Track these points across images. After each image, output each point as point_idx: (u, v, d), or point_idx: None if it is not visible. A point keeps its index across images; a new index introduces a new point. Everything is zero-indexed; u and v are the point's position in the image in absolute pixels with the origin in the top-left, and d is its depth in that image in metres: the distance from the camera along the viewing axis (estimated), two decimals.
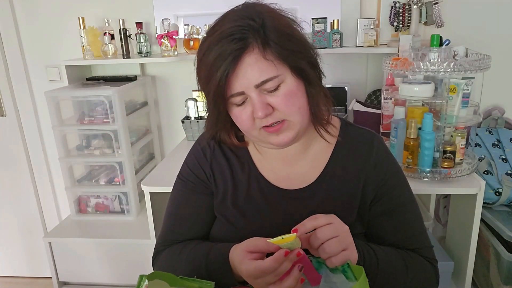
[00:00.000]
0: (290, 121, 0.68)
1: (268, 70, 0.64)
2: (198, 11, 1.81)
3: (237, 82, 0.64)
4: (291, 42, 0.66)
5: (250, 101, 0.66)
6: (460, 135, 1.25)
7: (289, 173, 0.79)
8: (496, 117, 1.64)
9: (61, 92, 1.67)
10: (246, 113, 0.67)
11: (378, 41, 1.66)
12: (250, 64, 0.64)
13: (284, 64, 0.66)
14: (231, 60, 0.62)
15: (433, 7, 1.59)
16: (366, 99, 1.79)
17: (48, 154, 2.12)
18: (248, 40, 0.63)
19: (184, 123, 1.80)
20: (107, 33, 1.76)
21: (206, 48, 0.66)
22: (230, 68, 0.63)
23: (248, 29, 0.63)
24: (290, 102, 0.66)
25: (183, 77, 1.94)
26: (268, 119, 0.67)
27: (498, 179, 1.43)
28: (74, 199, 1.80)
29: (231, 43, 0.62)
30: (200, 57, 0.68)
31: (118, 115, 1.60)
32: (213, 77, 0.64)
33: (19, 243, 2.28)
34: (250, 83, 0.64)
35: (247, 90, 0.65)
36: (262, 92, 0.66)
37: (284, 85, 0.66)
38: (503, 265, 1.32)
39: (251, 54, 0.64)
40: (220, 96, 0.65)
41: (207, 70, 0.65)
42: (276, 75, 0.65)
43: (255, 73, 0.64)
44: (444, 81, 1.21)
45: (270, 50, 0.64)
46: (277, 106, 0.66)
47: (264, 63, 0.64)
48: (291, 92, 0.67)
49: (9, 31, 1.93)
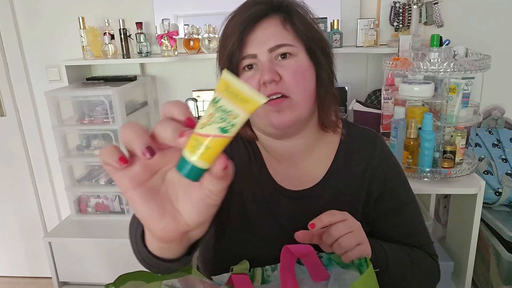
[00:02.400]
0: (292, 99, 0.67)
1: (284, 37, 0.66)
2: (198, 11, 1.81)
3: (251, 44, 0.66)
4: (312, 29, 0.69)
5: (260, 67, 0.67)
6: (460, 135, 1.25)
7: (294, 172, 0.78)
8: (496, 117, 1.64)
9: (61, 92, 1.67)
10: (254, 80, 0.67)
11: (378, 41, 1.66)
12: (267, 27, 0.66)
13: (300, 42, 0.68)
14: (250, 20, 0.65)
15: (433, 7, 1.59)
16: (366, 99, 1.79)
17: (48, 154, 2.12)
18: (273, 6, 0.66)
19: None
20: (107, 33, 1.76)
21: (231, 16, 0.68)
22: (248, 28, 0.65)
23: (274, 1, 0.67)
24: (297, 77, 0.67)
25: (183, 77, 1.94)
26: (272, 86, 0.66)
27: (498, 179, 1.43)
28: (74, 199, 1.80)
29: (256, 5, 0.66)
30: (224, 23, 0.70)
31: (118, 115, 1.60)
32: (232, 37, 0.65)
33: (19, 243, 2.27)
34: (264, 45, 0.65)
35: (260, 53, 0.66)
36: (273, 60, 0.67)
37: (295, 58, 0.67)
38: (503, 265, 1.32)
39: (271, 20, 0.66)
40: (234, 56, 0.66)
41: (227, 31, 0.67)
42: (291, 43, 0.66)
43: (271, 36, 0.65)
44: (444, 81, 1.21)
45: (290, 24, 0.67)
46: (285, 77, 0.66)
47: (282, 31, 0.66)
48: (301, 68, 0.68)
49: (9, 31, 1.93)
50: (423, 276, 0.77)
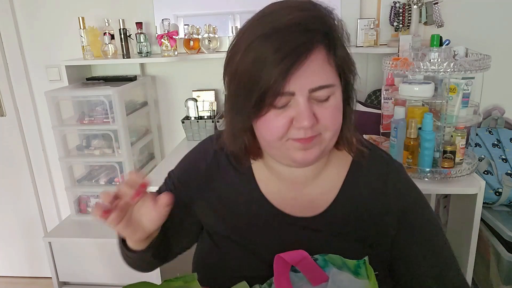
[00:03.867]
0: (323, 137, 0.61)
1: (328, 76, 0.57)
2: (198, 11, 1.81)
3: (293, 80, 0.54)
4: (348, 57, 0.61)
5: (294, 106, 0.57)
6: (460, 135, 1.25)
7: (297, 197, 0.71)
8: (496, 117, 1.64)
9: (61, 92, 1.67)
10: (284, 118, 0.58)
11: (378, 41, 1.66)
12: (313, 62, 0.55)
13: (339, 77, 0.60)
14: (299, 54, 0.53)
15: (433, 7, 1.59)
16: (366, 99, 1.79)
17: (48, 154, 2.12)
18: (318, 34, 0.54)
19: (184, 123, 1.80)
20: (107, 33, 1.76)
21: (264, 32, 0.54)
22: (295, 63, 0.53)
23: (321, 22, 0.55)
24: (335, 116, 0.60)
25: (183, 77, 1.94)
26: (307, 131, 0.58)
27: (498, 179, 1.43)
28: (74, 199, 1.80)
29: (302, 33, 0.53)
30: (252, 40, 0.56)
31: (118, 115, 1.60)
32: (269, 70, 0.53)
33: (19, 243, 2.28)
34: (307, 85, 0.55)
35: (299, 92, 0.56)
36: (311, 100, 0.57)
37: (333, 97, 0.59)
38: (503, 265, 1.32)
39: (317, 53, 0.55)
40: (269, 94, 0.55)
41: (261, 59, 0.54)
42: (333, 83, 0.58)
43: (316, 75, 0.55)
44: (444, 81, 1.21)
45: (334, 56, 0.57)
46: (323, 119, 0.58)
47: (328, 67, 0.57)
48: (338, 107, 0.60)
49: (9, 31, 1.93)
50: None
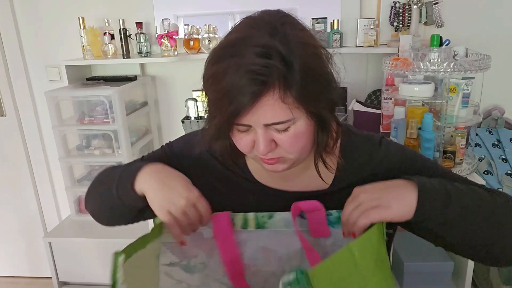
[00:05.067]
0: (288, 158, 0.66)
1: (282, 114, 0.60)
2: (198, 11, 1.81)
3: (247, 117, 0.60)
4: (317, 84, 0.62)
5: (255, 132, 0.63)
6: (460, 135, 1.25)
7: (291, 184, 0.76)
8: (496, 117, 1.64)
9: (61, 92, 1.67)
10: (247, 140, 0.64)
11: (378, 41, 1.66)
12: (265, 105, 0.60)
13: (301, 107, 0.61)
14: (248, 99, 0.58)
15: (433, 7, 1.60)
16: (366, 99, 1.79)
17: (48, 154, 2.12)
18: (269, 82, 0.58)
19: (184, 123, 1.80)
20: (107, 33, 1.76)
21: (222, 70, 0.60)
22: (245, 105, 0.59)
23: (273, 71, 0.58)
24: (295, 143, 0.64)
25: (183, 77, 1.94)
26: (268, 155, 0.64)
27: (498, 179, 1.43)
28: (74, 199, 1.80)
29: (251, 83, 0.58)
30: (213, 72, 0.62)
31: (118, 115, 1.60)
32: (226, 104, 0.60)
33: (19, 243, 2.28)
34: (260, 121, 0.61)
35: (255, 125, 0.62)
36: (270, 129, 0.63)
37: (294, 126, 0.62)
38: None
39: (269, 97, 0.59)
40: (226, 122, 0.62)
41: (221, 92, 0.60)
42: (289, 119, 0.61)
43: (268, 114, 0.60)
44: (444, 81, 1.21)
45: (291, 93, 0.59)
46: (282, 145, 0.64)
47: (281, 106, 0.60)
48: (299, 134, 0.63)
49: (9, 31, 1.93)
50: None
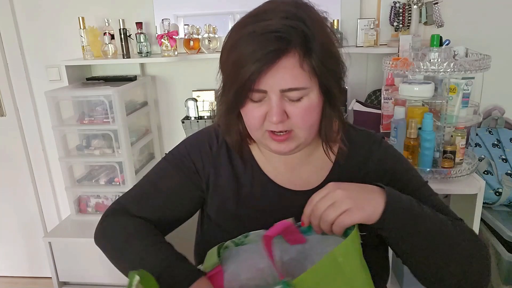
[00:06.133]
0: (296, 133, 0.67)
1: (300, 80, 0.63)
2: (198, 11, 1.81)
3: (264, 80, 0.62)
4: (331, 60, 0.65)
5: (268, 102, 0.64)
6: (460, 135, 1.25)
7: (292, 177, 0.78)
8: (496, 117, 1.64)
9: (61, 92, 1.67)
10: (260, 112, 0.65)
11: (378, 41, 1.66)
12: (285, 67, 0.61)
13: (316, 78, 0.64)
14: (270, 58, 0.60)
15: (433, 7, 1.59)
16: (366, 99, 1.79)
17: (48, 154, 2.12)
18: (292, 43, 0.61)
19: (184, 123, 1.80)
20: (107, 33, 1.76)
21: (246, 34, 0.62)
22: (266, 65, 0.61)
23: (296, 32, 0.61)
24: (306, 116, 0.66)
25: (183, 77, 1.94)
26: (278, 126, 0.65)
27: (498, 179, 1.43)
28: (74, 199, 1.80)
29: (275, 40, 0.60)
30: (236, 39, 0.64)
31: (118, 115, 1.60)
32: (246, 67, 0.61)
33: (19, 243, 2.27)
34: (277, 86, 0.62)
35: (271, 91, 0.63)
36: (283, 98, 0.64)
37: (307, 98, 0.65)
38: (503, 265, 1.32)
39: (290, 58, 0.61)
40: (245, 88, 0.63)
41: (241, 57, 0.62)
42: (305, 86, 0.63)
43: (287, 78, 0.62)
44: (444, 81, 1.21)
45: (310, 61, 0.62)
46: (293, 117, 0.65)
47: (299, 71, 0.62)
48: (311, 107, 0.65)
49: (9, 31, 1.93)
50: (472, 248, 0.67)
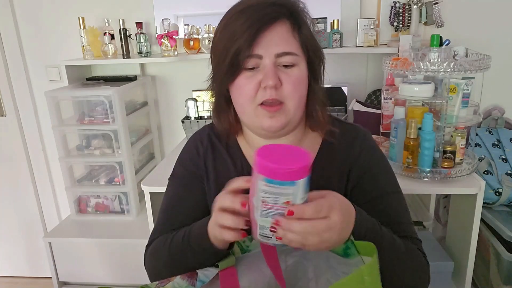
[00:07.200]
0: (286, 106, 0.70)
1: (293, 45, 0.67)
2: (198, 11, 1.81)
3: (260, 45, 0.65)
4: (314, 42, 0.71)
5: (262, 70, 0.67)
6: (460, 135, 1.25)
7: None
8: (496, 117, 1.64)
9: (61, 92, 1.67)
10: (253, 81, 0.67)
11: (378, 41, 1.66)
12: (279, 32, 0.66)
13: (303, 52, 0.69)
14: (266, 21, 0.64)
15: (433, 7, 1.60)
16: (366, 99, 1.79)
17: (48, 154, 2.12)
18: (284, 13, 0.66)
19: (184, 123, 1.80)
20: (107, 33, 1.76)
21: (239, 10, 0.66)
22: (262, 28, 0.64)
23: (287, 6, 0.67)
24: (296, 86, 0.69)
25: (183, 77, 1.94)
26: (272, 92, 0.67)
27: (498, 179, 1.43)
28: (74, 199, 1.80)
29: (267, 6, 0.64)
30: (229, 17, 0.68)
31: (118, 115, 1.60)
32: (240, 37, 0.64)
33: (19, 243, 2.28)
34: (272, 49, 0.65)
35: (266, 55, 0.66)
36: (276, 65, 0.67)
37: (297, 68, 0.68)
38: (503, 265, 1.32)
39: (283, 25, 0.66)
40: (240, 54, 0.65)
41: (235, 29, 0.65)
42: (297, 53, 0.67)
43: (282, 42, 0.66)
44: (444, 81, 1.21)
45: (299, 33, 0.68)
46: (285, 84, 0.68)
47: (291, 38, 0.67)
48: (301, 79, 0.69)
49: (9, 31, 1.93)
50: (417, 269, 0.71)
